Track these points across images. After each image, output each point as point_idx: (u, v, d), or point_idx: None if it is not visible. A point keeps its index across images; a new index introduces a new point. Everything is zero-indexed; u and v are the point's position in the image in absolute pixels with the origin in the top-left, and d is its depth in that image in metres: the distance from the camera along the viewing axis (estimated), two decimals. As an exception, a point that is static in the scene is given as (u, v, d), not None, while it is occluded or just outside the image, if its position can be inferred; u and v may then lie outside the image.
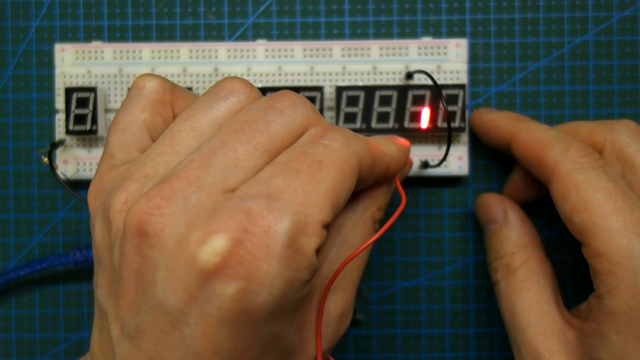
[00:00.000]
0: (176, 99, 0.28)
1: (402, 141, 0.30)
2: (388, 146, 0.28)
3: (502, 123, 0.36)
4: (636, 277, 0.28)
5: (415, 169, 0.37)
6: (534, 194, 0.37)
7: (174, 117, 0.28)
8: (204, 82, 0.37)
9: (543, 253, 0.35)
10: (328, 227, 0.23)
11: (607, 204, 0.29)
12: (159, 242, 0.22)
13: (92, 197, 0.26)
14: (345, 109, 0.36)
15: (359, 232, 0.29)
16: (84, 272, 0.39)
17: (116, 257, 0.23)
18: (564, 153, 0.31)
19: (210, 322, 0.21)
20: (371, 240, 0.27)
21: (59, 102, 0.38)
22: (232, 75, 0.37)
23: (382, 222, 0.29)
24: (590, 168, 0.31)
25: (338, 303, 0.28)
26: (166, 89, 0.28)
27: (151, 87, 0.28)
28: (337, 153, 0.24)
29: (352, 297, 0.29)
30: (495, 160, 0.39)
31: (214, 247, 0.21)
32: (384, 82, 0.37)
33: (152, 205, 0.22)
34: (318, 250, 0.23)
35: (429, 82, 0.36)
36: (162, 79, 0.28)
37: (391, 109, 0.36)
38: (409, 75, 0.37)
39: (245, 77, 0.37)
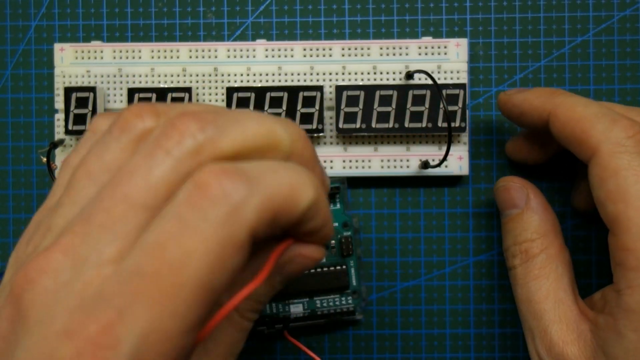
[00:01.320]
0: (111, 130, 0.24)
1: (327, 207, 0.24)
2: (306, 192, 0.22)
3: (536, 102, 0.33)
4: None
5: (415, 169, 0.37)
6: (537, 157, 0.36)
7: None
8: (203, 82, 0.37)
9: (562, 241, 0.34)
10: (200, 321, 0.20)
11: None
12: (26, 320, 0.20)
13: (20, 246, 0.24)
14: (345, 108, 0.36)
15: (230, 332, 0.26)
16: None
17: None
18: (608, 132, 0.29)
19: None
20: (211, 324, 0.21)
21: (59, 102, 0.37)
22: (232, 74, 0.37)
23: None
24: (635, 152, 0.29)
25: None
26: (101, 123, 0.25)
27: (103, 129, 0.24)
28: (215, 231, 0.19)
29: None
30: (496, 160, 0.39)
31: (62, 352, 0.18)
32: (384, 82, 0.37)
33: (28, 279, 0.20)
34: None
35: (429, 81, 0.36)
36: (115, 114, 0.24)
37: (391, 109, 0.36)
38: (409, 75, 0.37)
39: (244, 76, 0.37)
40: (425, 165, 0.37)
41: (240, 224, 0.20)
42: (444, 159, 0.36)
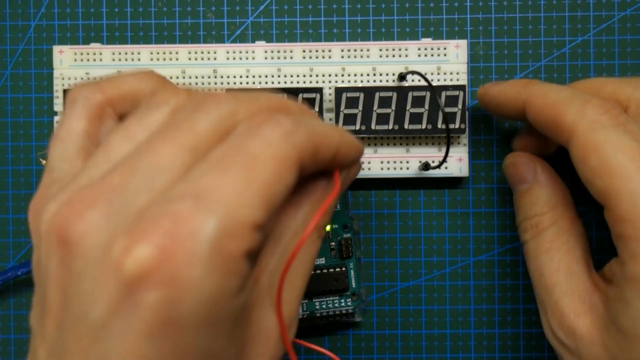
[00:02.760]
0: (115, 99, 0.26)
1: (354, 137, 0.28)
2: (335, 133, 0.26)
3: (511, 92, 0.34)
4: None
5: (416, 171, 0.37)
6: (543, 149, 0.36)
7: (122, 116, 0.26)
8: (202, 83, 0.37)
9: (574, 213, 0.33)
10: (264, 229, 0.22)
11: (630, 166, 0.28)
12: (81, 251, 0.20)
13: (32, 213, 0.24)
14: (344, 110, 0.36)
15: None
16: (83, 273, 0.39)
17: (42, 272, 0.22)
18: (581, 112, 0.30)
19: (133, 335, 0.20)
20: (306, 233, 0.25)
21: (58, 105, 0.37)
22: (231, 76, 0.37)
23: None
24: (611, 126, 0.29)
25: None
26: (94, 90, 0.26)
27: (83, 96, 0.26)
28: (274, 146, 0.22)
29: (295, 309, 0.27)
30: (496, 160, 0.39)
31: (138, 255, 0.19)
32: (384, 84, 0.37)
33: (74, 211, 0.21)
34: (252, 256, 0.22)
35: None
36: (94, 85, 0.26)
37: (391, 110, 0.36)
38: (402, 77, 0.37)
39: (244, 78, 0.37)
40: (425, 166, 0.37)
41: (292, 145, 0.22)
42: (443, 161, 0.36)
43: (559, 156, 0.36)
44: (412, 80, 0.37)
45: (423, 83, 0.37)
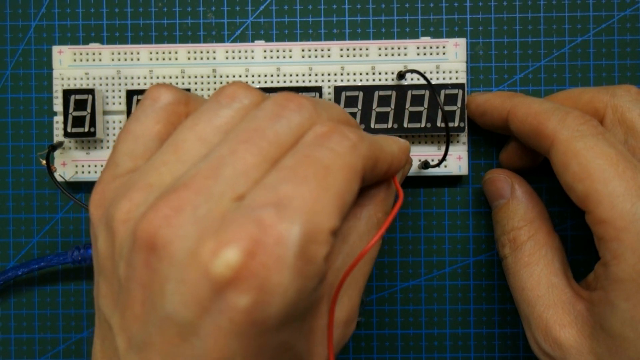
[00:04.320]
0: (190, 110, 0.27)
1: (402, 141, 0.30)
2: (390, 146, 0.28)
3: (496, 102, 0.35)
4: None
5: (415, 169, 0.37)
6: (529, 161, 0.37)
7: None
8: (202, 83, 0.37)
9: (550, 227, 0.34)
10: (336, 233, 0.23)
11: (608, 170, 0.29)
12: (168, 254, 0.21)
13: (94, 205, 0.26)
14: (344, 109, 0.36)
15: (366, 240, 0.28)
16: (83, 272, 0.39)
17: (122, 269, 0.23)
18: (562, 122, 0.31)
19: (221, 334, 0.21)
20: (374, 240, 0.26)
21: (57, 105, 0.37)
22: (231, 76, 0.37)
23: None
24: (590, 135, 0.30)
25: (344, 309, 0.27)
26: (181, 100, 0.27)
27: (166, 99, 0.27)
28: (343, 157, 0.23)
29: (357, 303, 0.28)
30: (496, 160, 0.39)
31: (227, 258, 0.20)
32: (383, 82, 0.37)
33: (161, 216, 0.22)
34: (327, 257, 0.22)
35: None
36: (177, 90, 0.27)
37: (390, 109, 0.36)
38: (401, 75, 0.37)
39: (243, 78, 0.37)
40: (424, 165, 0.37)
41: (358, 157, 0.24)
42: (443, 159, 0.36)
43: (535, 173, 0.38)
44: (412, 79, 0.37)
45: (422, 82, 0.37)
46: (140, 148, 0.26)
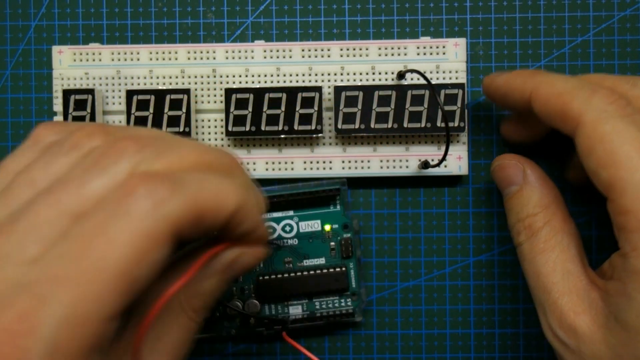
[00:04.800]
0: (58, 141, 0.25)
1: (257, 196, 0.26)
2: (230, 196, 0.24)
3: (517, 82, 0.33)
4: None
5: (414, 169, 0.37)
6: (531, 134, 0.36)
7: None
8: (202, 83, 0.37)
9: (566, 212, 0.33)
10: (119, 315, 0.21)
11: (636, 158, 0.27)
12: None
13: None
14: (343, 109, 0.36)
15: (176, 331, 0.26)
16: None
17: None
18: (588, 102, 0.29)
19: None
20: (159, 303, 0.23)
21: (57, 105, 0.37)
22: (231, 76, 0.37)
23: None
24: (618, 117, 0.28)
25: None
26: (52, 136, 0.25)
27: (48, 140, 0.25)
28: (137, 223, 0.21)
29: (180, 355, 0.26)
30: (496, 160, 0.39)
31: None
32: (383, 82, 0.37)
33: None
34: (98, 347, 0.20)
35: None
36: (63, 129, 0.25)
37: (390, 109, 0.36)
38: (401, 75, 0.37)
39: (243, 77, 0.37)
40: (424, 165, 0.37)
41: (162, 219, 0.21)
42: (443, 158, 0.36)
43: (546, 157, 0.37)
44: (412, 79, 0.37)
45: (422, 81, 0.37)
46: None
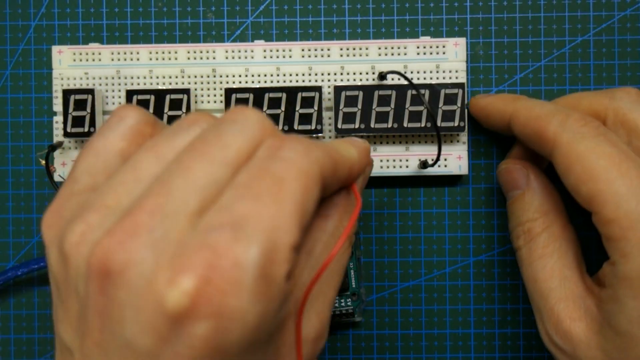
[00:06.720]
0: (155, 133, 0.27)
1: (361, 142, 0.29)
2: (347, 149, 0.27)
3: (499, 104, 0.35)
4: None
5: (414, 169, 0.37)
6: (536, 163, 0.37)
7: None
8: (202, 83, 0.37)
9: (566, 219, 0.34)
10: (298, 248, 0.22)
11: (611, 170, 0.29)
12: (124, 281, 0.21)
13: (47, 224, 0.24)
14: (343, 109, 0.36)
15: (331, 292, 0.28)
16: (83, 272, 0.39)
17: (80, 295, 0.22)
18: (563, 124, 0.31)
19: None
20: (335, 250, 0.25)
21: (57, 105, 0.37)
22: (231, 75, 0.37)
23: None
24: (591, 137, 0.30)
25: (312, 325, 0.27)
26: (148, 121, 0.26)
27: (133, 118, 0.26)
28: (298, 165, 0.23)
29: (327, 318, 0.27)
30: (496, 160, 0.39)
31: (182, 287, 0.20)
32: (383, 82, 0.37)
33: (116, 241, 0.21)
34: (290, 275, 0.22)
35: (428, 81, 0.36)
36: (144, 112, 0.27)
37: (390, 109, 0.36)
38: (382, 77, 0.37)
39: (243, 77, 0.37)
40: (424, 164, 0.37)
41: (314, 161, 0.23)
42: (437, 158, 0.36)
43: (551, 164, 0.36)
44: (411, 79, 0.37)
45: (422, 82, 0.37)
46: (100, 165, 0.25)
